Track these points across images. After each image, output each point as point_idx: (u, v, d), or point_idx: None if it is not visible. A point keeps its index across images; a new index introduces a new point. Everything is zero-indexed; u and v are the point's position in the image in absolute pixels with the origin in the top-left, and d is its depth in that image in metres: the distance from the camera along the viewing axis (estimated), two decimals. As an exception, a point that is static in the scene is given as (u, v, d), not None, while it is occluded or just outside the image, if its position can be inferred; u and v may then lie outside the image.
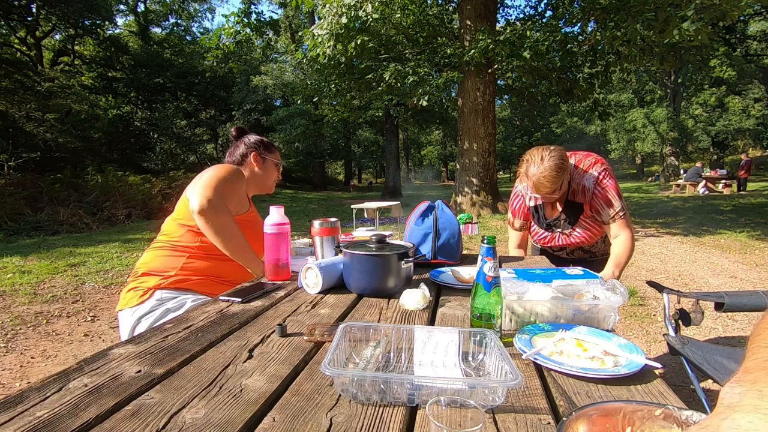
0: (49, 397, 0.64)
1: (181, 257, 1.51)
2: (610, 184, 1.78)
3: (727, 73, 23.89)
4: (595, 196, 1.79)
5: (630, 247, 1.80)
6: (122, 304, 1.46)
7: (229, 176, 1.55)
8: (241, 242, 1.49)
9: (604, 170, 1.80)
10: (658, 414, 0.53)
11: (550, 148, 1.72)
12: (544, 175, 1.66)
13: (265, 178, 1.80)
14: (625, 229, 1.81)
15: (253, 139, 1.80)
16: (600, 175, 1.79)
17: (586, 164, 1.83)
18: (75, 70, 19.76)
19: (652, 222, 8.80)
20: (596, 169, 1.80)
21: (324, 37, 8.42)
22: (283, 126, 21.21)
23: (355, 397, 0.64)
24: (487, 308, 0.86)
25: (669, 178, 22.35)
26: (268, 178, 1.80)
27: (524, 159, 1.79)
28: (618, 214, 1.79)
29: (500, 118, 28.53)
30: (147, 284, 1.45)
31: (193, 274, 1.49)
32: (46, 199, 9.42)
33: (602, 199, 1.78)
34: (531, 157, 1.74)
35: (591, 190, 1.79)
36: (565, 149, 1.81)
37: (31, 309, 3.64)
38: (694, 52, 9.93)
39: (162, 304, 1.41)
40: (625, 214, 1.80)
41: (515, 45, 8.08)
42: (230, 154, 1.80)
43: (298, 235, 3.29)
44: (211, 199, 1.42)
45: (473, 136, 9.97)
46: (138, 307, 1.42)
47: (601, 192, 1.78)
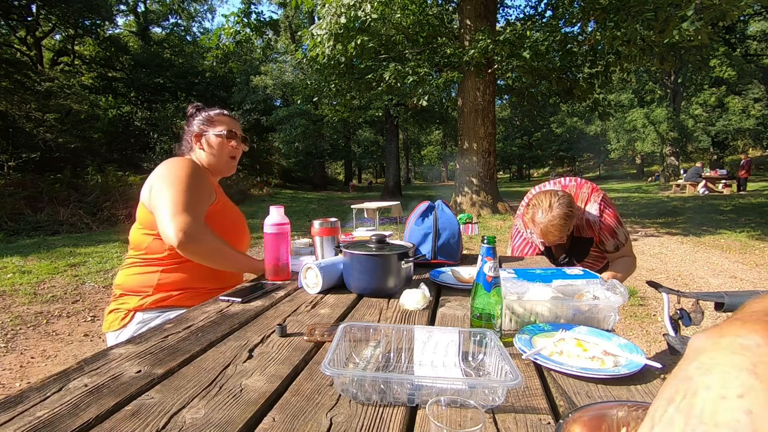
0: (49, 397, 0.64)
1: (155, 273, 1.38)
2: (611, 213, 1.79)
3: (727, 73, 23.89)
4: (601, 229, 1.80)
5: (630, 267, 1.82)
6: (106, 326, 1.39)
7: (188, 179, 1.34)
8: (231, 259, 1.37)
9: (602, 199, 1.81)
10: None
11: (558, 194, 1.64)
12: (553, 224, 1.59)
13: (216, 158, 1.54)
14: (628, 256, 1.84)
15: (196, 119, 1.55)
16: (601, 205, 1.79)
17: (583, 197, 1.80)
18: (75, 70, 19.75)
19: (652, 222, 8.80)
20: (594, 200, 1.80)
21: (323, 37, 8.42)
22: (283, 126, 21.22)
23: (355, 397, 0.64)
24: (487, 308, 0.86)
25: (669, 178, 22.35)
26: (219, 156, 1.54)
27: (530, 203, 1.70)
28: (621, 242, 1.81)
29: (500, 118, 28.55)
30: (127, 306, 1.36)
31: (171, 289, 1.38)
32: (46, 199, 9.42)
33: (606, 230, 1.79)
34: (539, 202, 1.65)
35: (597, 224, 1.79)
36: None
37: (31, 309, 3.64)
38: (694, 52, 9.93)
39: (145, 325, 1.33)
40: (627, 241, 1.82)
41: (515, 45, 8.08)
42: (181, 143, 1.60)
43: (298, 235, 3.30)
44: (185, 229, 1.26)
45: (473, 136, 9.97)
46: (121, 331, 1.35)
47: (605, 223, 1.79)
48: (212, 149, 1.54)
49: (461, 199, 10.30)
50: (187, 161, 1.41)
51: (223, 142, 1.53)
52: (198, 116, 1.55)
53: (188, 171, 1.36)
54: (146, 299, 1.35)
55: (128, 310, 1.35)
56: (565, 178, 1.92)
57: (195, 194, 1.34)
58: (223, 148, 1.54)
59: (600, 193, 1.82)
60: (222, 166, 1.56)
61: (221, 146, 1.53)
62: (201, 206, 1.36)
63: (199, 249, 1.30)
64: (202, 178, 1.41)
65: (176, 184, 1.31)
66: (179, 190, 1.31)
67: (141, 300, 1.35)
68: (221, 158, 1.54)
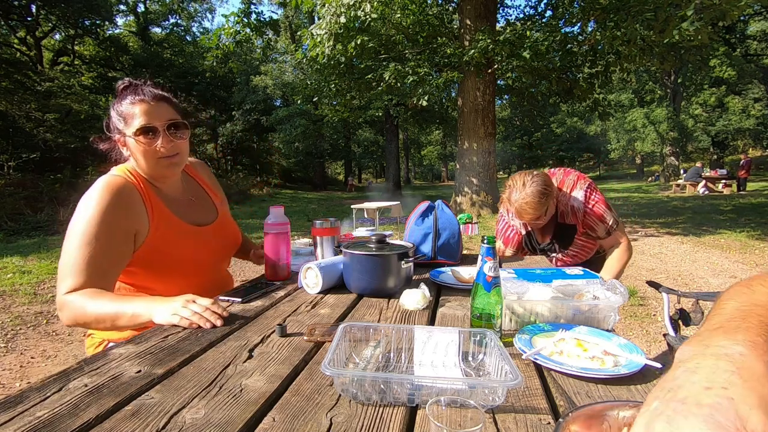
0: (49, 397, 0.64)
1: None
2: (598, 199, 1.79)
3: (727, 73, 23.88)
4: (586, 215, 1.80)
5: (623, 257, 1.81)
6: (86, 347, 1.30)
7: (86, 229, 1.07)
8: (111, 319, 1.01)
9: (588, 186, 1.80)
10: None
11: (533, 173, 1.68)
12: (527, 201, 1.62)
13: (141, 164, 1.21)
14: (620, 239, 1.83)
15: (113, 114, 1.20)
16: (586, 192, 1.79)
17: (569, 184, 1.82)
18: (75, 70, 19.75)
19: (652, 222, 8.80)
20: (581, 187, 1.80)
21: (323, 37, 8.42)
22: (283, 126, 21.22)
23: (355, 397, 0.64)
24: (487, 308, 0.86)
25: (669, 178, 22.35)
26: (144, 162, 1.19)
27: (507, 184, 1.75)
28: (611, 227, 1.80)
29: (500, 118, 28.51)
30: (102, 333, 1.24)
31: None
32: (46, 199, 9.43)
33: (594, 216, 1.79)
34: (513, 182, 1.70)
35: (582, 210, 1.79)
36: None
37: (31, 309, 3.64)
38: (694, 52, 9.94)
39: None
40: (618, 225, 1.81)
41: (515, 45, 8.08)
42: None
43: (298, 235, 3.29)
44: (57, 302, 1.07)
45: (473, 136, 9.97)
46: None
47: (591, 209, 1.79)
48: (135, 155, 1.20)
49: (461, 199, 10.30)
50: (100, 194, 1.10)
51: (139, 144, 1.16)
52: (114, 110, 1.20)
53: (92, 216, 1.07)
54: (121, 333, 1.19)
55: (102, 339, 1.24)
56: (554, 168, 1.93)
57: (92, 249, 1.06)
58: (143, 152, 1.17)
59: (586, 180, 1.82)
60: (152, 171, 1.21)
61: (141, 151, 1.17)
62: (99, 262, 1.07)
63: (69, 322, 1.05)
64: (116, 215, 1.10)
65: (69, 240, 1.08)
66: (67, 249, 1.08)
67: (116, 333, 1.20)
68: (146, 164, 1.19)
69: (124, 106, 1.17)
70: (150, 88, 1.21)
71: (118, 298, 1.04)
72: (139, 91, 1.19)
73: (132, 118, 1.16)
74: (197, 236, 1.28)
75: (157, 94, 1.21)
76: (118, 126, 1.19)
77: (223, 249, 1.39)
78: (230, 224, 1.45)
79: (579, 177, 1.83)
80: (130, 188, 1.16)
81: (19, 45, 17.14)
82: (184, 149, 1.24)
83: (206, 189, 1.45)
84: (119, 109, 1.18)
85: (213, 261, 1.34)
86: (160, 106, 1.19)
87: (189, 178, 1.41)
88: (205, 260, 1.30)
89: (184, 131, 1.22)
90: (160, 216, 1.20)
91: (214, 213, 1.41)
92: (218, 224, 1.38)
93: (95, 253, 1.06)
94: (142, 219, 1.16)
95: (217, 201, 1.45)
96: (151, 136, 1.16)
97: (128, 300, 1.03)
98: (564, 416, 0.52)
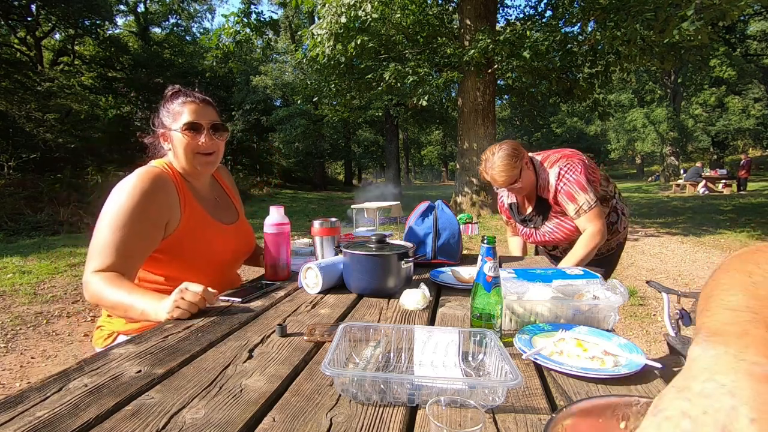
0: (49, 397, 0.64)
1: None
2: (573, 179, 1.78)
3: (727, 73, 23.88)
4: (558, 192, 1.81)
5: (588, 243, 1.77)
6: (94, 340, 1.32)
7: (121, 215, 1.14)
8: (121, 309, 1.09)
9: (568, 165, 1.81)
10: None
11: (501, 143, 1.83)
12: (497, 164, 1.78)
13: (179, 159, 1.30)
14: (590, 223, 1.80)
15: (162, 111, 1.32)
16: (562, 170, 1.81)
17: (552, 160, 1.86)
18: (75, 70, 19.74)
19: (652, 222, 8.80)
20: (560, 165, 1.82)
21: (323, 37, 8.42)
22: (283, 126, 21.20)
23: (355, 397, 0.64)
24: (487, 308, 0.86)
25: (669, 178, 22.35)
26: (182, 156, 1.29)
27: (482, 158, 1.89)
28: (582, 209, 1.79)
29: (500, 118, 28.51)
30: (112, 326, 1.27)
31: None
32: (46, 199, 9.42)
33: (565, 194, 1.80)
34: (485, 155, 1.85)
35: (554, 186, 1.82)
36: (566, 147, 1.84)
37: (31, 309, 3.64)
38: (694, 52, 9.93)
39: None
40: (590, 208, 1.78)
41: (515, 45, 8.07)
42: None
43: (298, 235, 3.30)
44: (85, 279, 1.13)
45: (473, 136, 9.96)
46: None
47: (563, 187, 1.80)
48: (176, 149, 1.29)
49: (461, 199, 10.29)
50: (137, 181, 1.18)
51: (183, 134, 1.26)
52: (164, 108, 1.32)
53: (126, 202, 1.15)
54: (131, 324, 1.24)
55: (111, 331, 1.26)
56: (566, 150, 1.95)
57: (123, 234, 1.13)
58: (186, 145, 1.27)
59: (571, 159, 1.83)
60: (188, 167, 1.31)
61: (184, 144, 1.27)
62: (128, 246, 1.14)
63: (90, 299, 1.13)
64: (150, 203, 1.17)
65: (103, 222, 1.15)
66: (100, 231, 1.14)
67: (126, 324, 1.25)
68: (185, 158, 1.29)
69: (175, 105, 1.29)
70: (198, 93, 1.35)
71: (133, 291, 1.09)
72: (189, 94, 1.33)
73: (180, 115, 1.28)
74: (221, 233, 1.36)
75: (204, 98, 1.34)
76: (165, 122, 1.30)
77: (240, 249, 1.46)
78: (247, 228, 1.52)
79: (564, 155, 1.86)
80: (167, 179, 1.25)
81: (19, 45, 17.13)
82: (221, 150, 1.35)
83: (228, 192, 1.54)
84: (169, 107, 1.30)
85: (231, 260, 1.42)
86: (206, 108, 1.32)
87: (214, 180, 1.50)
88: (225, 258, 1.38)
89: (223, 134, 1.33)
90: (192, 209, 1.29)
91: (236, 214, 1.49)
92: (238, 225, 1.46)
93: (125, 238, 1.13)
94: (175, 210, 1.24)
95: (237, 204, 1.55)
96: (195, 132, 1.28)
97: (141, 295, 1.08)
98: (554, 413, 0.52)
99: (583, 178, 1.78)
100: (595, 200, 1.78)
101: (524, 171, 1.81)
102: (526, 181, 1.83)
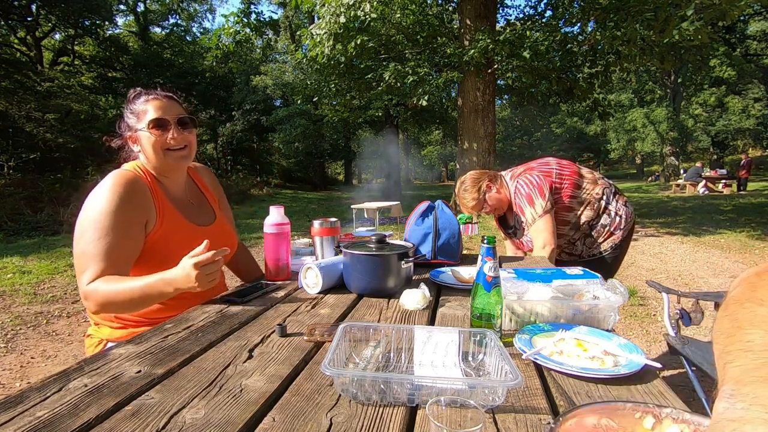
0: (49, 397, 0.64)
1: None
2: (523, 193, 1.84)
3: (727, 73, 23.86)
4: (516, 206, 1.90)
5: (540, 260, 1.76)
6: (86, 349, 1.31)
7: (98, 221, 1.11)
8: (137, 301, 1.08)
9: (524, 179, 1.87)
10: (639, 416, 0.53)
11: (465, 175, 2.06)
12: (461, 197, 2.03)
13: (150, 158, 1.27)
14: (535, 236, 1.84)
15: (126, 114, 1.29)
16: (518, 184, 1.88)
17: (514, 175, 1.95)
18: (75, 70, 19.74)
19: (652, 222, 8.80)
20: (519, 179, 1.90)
21: (323, 37, 8.41)
22: (283, 126, 21.20)
23: (355, 397, 0.64)
24: (487, 308, 0.86)
25: (669, 178, 22.34)
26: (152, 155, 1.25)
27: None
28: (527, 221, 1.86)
29: (500, 118, 28.54)
30: (100, 334, 1.26)
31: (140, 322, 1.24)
32: (46, 199, 9.42)
33: (518, 208, 1.88)
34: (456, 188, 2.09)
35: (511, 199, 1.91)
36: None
37: (31, 309, 3.63)
38: (694, 52, 9.94)
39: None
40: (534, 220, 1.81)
41: (515, 45, 8.07)
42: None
43: (298, 235, 3.29)
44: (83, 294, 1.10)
45: (473, 136, 9.96)
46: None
47: (517, 202, 1.88)
48: (145, 148, 1.26)
49: (461, 199, 10.29)
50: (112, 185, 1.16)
51: (152, 136, 1.23)
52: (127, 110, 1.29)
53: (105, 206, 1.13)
54: (116, 330, 1.24)
55: (101, 339, 1.26)
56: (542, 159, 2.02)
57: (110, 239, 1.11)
58: (154, 143, 1.24)
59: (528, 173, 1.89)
60: (161, 165, 1.27)
61: (152, 142, 1.24)
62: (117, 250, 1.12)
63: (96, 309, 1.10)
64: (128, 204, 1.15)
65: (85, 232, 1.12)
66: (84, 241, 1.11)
67: (111, 329, 1.25)
68: (156, 156, 1.25)
69: (138, 105, 1.26)
70: (162, 91, 1.32)
71: (141, 279, 1.08)
72: (151, 92, 1.30)
73: (144, 113, 1.24)
74: (196, 234, 1.30)
75: (167, 94, 1.32)
76: (131, 123, 1.27)
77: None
78: (226, 229, 1.46)
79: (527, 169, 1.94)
80: (140, 181, 1.22)
81: (19, 45, 17.13)
82: (193, 144, 1.32)
83: (205, 193, 1.48)
84: (132, 107, 1.27)
85: None
86: (171, 103, 1.29)
87: (191, 181, 1.45)
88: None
89: (191, 128, 1.30)
90: (165, 211, 1.26)
91: (212, 216, 1.43)
92: (215, 227, 1.40)
93: (113, 243, 1.11)
94: (151, 211, 1.22)
95: (215, 206, 1.48)
96: (162, 129, 1.24)
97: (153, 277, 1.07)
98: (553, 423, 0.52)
99: (535, 189, 1.83)
100: (539, 213, 1.83)
101: (490, 195, 1.95)
102: (495, 202, 1.97)
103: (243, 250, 1.60)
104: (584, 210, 1.94)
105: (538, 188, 1.83)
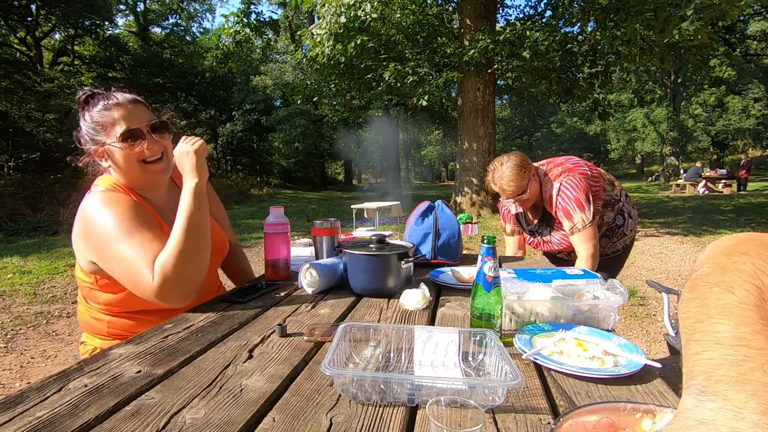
0: (49, 397, 0.64)
1: (103, 317, 1.17)
2: (571, 196, 1.77)
3: (727, 73, 23.88)
4: (556, 207, 1.82)
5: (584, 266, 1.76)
6: (81, 353, 1.27)
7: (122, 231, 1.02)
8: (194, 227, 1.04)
9: (569, 181, 1.80)
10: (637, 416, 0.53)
11: (509, 154, 1.84)
12: (506, 174, 1.78)
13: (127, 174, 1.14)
14: (582, 244, 1.80)
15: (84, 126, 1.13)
16: (562, 185, 1.80)
17: (554, 174, 1.85)
18: (75, 70, 19.76)
19: (652, 222, 8.80)
20: (561, 180, 1.81)
21: (323, 37, 8.42)
22: (283, 126, 21.21)
23: (355, 397, 0.64)
24: (487, 308, 0.86)
25: (669, 178, 22.34)
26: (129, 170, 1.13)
27: (488, 169, 1.88)
28: (576, 227, 1.78)
29: (500, 118, 28.52)
30: (93, 342, 1.21)
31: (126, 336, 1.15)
32: (46, 199, 9.42)
33: (562, 211, 1.80)
34: (493, 165, 1.86)
35: (554, 201, 1.82)
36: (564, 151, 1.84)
37: (31, 309, 3.63)
38: (694, 52, 9.93)
39: None
40: (584, 227, 1.77)
41: (515, 45, 8.07)
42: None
43: (298, 235, 3.29)
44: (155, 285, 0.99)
45: (473, 136, 9.96)
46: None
47: (561, 204, 1.80)
48: (119, 164, 1.12)
49: (461, 199, 10.29)
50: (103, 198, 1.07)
51: (123, 150, 1.09)
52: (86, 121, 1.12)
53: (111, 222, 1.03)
54: (105, 340, 1.19)
55: (95, 346, 1.21)
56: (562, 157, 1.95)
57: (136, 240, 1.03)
58: (128, 157, 1.10)
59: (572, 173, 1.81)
60: (140, 179, 1.15)
61: (126, 157, 1.10)
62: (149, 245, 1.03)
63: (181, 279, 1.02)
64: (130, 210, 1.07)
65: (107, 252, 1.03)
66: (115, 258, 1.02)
67: (101, 340, 1.20)
68: (132, 171, 1.12)
69: (100, 114, 1.10)
70: (121, 93, 1.15)
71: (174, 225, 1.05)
72: (111, 96, 1.13)
73: (112, 125, 1.09)
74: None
75: (132, 98, 1.15)
76: (95, 137, 1.11)
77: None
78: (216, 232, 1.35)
79: (566, 170, 1.84)
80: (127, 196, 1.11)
81: (19, 45, 17.14)
82: (169, 150, 1.17)
83: None
84: (93, 117, 1.11)
85: None
86: (137, 107, 1.14)
87: (173, 185, 1.32)
88: None
89: (165, 132, 1.16)
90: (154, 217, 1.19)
91: None
92: None
93: (143, 237, 1.03)
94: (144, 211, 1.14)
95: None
96: (134, 140, 1.10)
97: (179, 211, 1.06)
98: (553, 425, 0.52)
99: (582, 194, 1.77)
100: (590, 219, 1.78)
101: (531, 182, 1.82)
102: (533, 192, 1.84)
103: (236, 251, 1.54)
104: (607, 211, 1.92)
105: (585, 192, 1.77)
